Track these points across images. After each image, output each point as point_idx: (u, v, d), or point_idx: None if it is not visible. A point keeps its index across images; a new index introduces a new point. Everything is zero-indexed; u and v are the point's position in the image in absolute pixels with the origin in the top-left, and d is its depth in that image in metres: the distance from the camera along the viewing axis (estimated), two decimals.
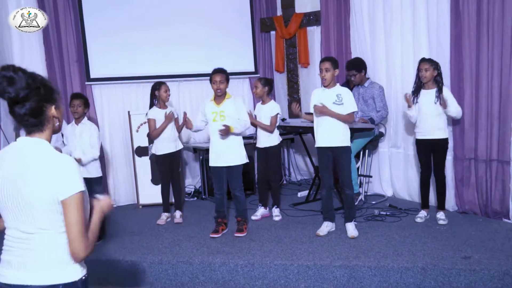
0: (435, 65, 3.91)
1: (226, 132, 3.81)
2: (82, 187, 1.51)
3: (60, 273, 1.54)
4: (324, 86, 3.79)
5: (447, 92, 3.93)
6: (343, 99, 3.74)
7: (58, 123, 1.60)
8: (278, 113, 4.37)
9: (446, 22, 4.22)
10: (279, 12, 6.20)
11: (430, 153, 4.02)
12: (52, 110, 1.56)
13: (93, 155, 3.94)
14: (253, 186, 5.50)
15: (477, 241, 3.53)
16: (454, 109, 3.93)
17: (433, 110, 3.93)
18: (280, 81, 6.36)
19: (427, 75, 3.90)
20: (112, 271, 3.56)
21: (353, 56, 5.19)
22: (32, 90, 1.48)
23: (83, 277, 1.60)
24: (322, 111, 3.73)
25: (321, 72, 3.73)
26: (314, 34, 5.96)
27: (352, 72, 4.74)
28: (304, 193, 5.29)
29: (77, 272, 1.58)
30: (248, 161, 4.06)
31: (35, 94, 1.48)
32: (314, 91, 3.97)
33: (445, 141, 3.98)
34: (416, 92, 4.03)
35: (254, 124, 4.39)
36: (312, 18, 5.88)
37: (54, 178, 1.47)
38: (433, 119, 3.94)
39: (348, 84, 5.06)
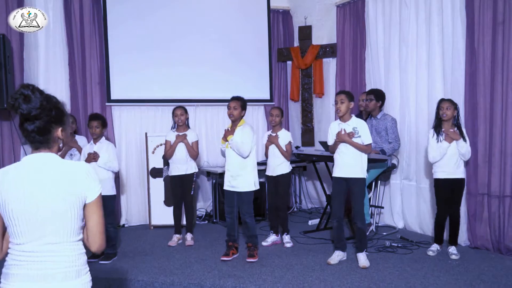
0: (455, 105, 3.96)
1: (227, 134, 4.02)
2: (101, 187, 1.67)
3: (77, 282, 1.60)
4: (339, 117, 3.87)
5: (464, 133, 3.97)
6: (360, 132, 3.81)
7: (61, 144, 1.71)
8: (290, 141, 4.53)
9: (461, 60, 4.31)
10: (296, 43, 6.37)
11: (449, 193, 4.00)
12: (58, 132, 1.65)
13: (113, 166, 4.14)
14: (264, 212, 5.53)
15: (490, 277, 3.51)
16: (466, 146, 3.93)
17: (455, 150, 3.93)
18: (295, 110, 6.48)
19: (449, 113, 3.91)
20: None
21: (367, 88, 5.30)
22: (43, 111, 1.58)
23: (91, 287, 1.68)
24: (344, 139, 3.78)
25: (336, 103, 3.84)
26: (330, 65, 6.11)
27: (371, 96, 4.83)
28: (315, 221, 5.30)
29: (89, 281, 1.66)
30: (258, 187, 4.11)
31: (46, 114, 1.58)
32: (332, 124, 4.03)
33: (463, 181, 4.02)
34: (437, 131, 4.01)
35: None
36: (328, 50, 6.04)
37: (79, 184, 1.59)
38: (455, 159, 3.94)
39: (361, 116, 5.16)
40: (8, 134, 4.85)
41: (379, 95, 4.86)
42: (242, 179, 4.00)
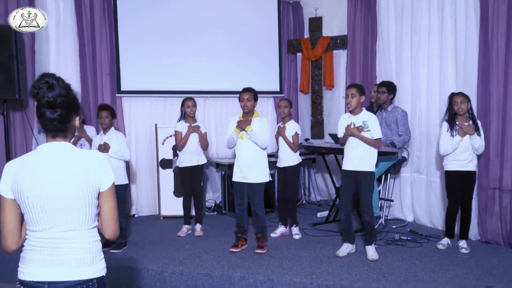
0: (468, 98, 3.90)
1: (243, 124, 3.95)
2: (114, 176, 1.71)
3: (92, 268, 1.65)
4: (349, 111, 3.85)
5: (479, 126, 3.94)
6: (370, 125, 3.78)
7: (76, 133, 1.76)
8: (297, 132, 4.45)
9: (474, 52, 4.24)
10: (306, 35, 6.33)
11: (460, 185, 3.97)
12: (76, 121, 1.71)
13: (124, 155, 4.16)
14: (273, 204, 5.54)
15: (500, 271, 3.48)
16: (479, 141, 3.90)
17: (468, 144, 3.90)
18: (304, 102, 6.46)
19: (464, 107, 3.86)
20: (134, 279, 3.62)
21: (378, 80, 5.26)
22: (67, 99, 1.62)
23: (105, 273, 1.73)
24: (352, 132, 3.77)
25: (347, 97, 3.80)
26: (340, 57, 6.06)
27: (383, 89, 4.77)
28: (324, 213, 5.30)
29: (103, 268, 1.71)
30: (270, 179, 4.12)
31: (69, 103, 1.63)
32: (342, 117, 4.01)
33: (475, 174, 3.98)
34: (451, 125, 3.96)
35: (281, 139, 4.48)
36: (339, 42, 5.99)
37: (94, 172, 1.63)
38: (468, 152, 3.91)
39: (371, 107, 5.12)
40: (20, 124, 4.90)
41: (391, 88, 4.81)
42: (255, 170, 4.00)
